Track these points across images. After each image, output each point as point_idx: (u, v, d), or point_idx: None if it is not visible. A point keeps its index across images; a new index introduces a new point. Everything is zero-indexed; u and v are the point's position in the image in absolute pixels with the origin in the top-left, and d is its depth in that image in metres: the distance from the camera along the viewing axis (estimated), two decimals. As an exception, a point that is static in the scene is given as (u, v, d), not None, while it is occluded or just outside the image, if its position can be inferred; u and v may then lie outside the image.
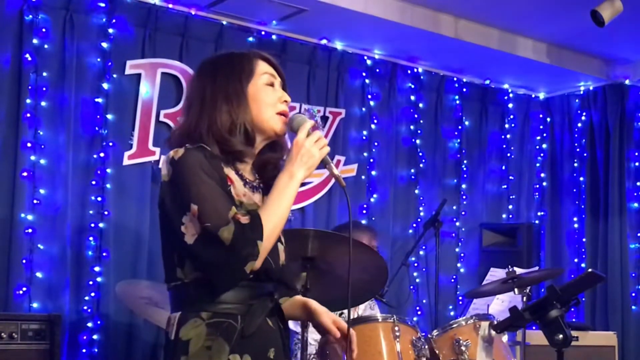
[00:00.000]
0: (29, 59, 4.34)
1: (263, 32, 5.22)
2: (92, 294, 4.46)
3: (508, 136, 6.56)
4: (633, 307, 6.12)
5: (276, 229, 2.07)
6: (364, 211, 5.61)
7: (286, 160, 2.14)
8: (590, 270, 3.22)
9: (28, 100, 4.32)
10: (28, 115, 4.32)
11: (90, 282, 4.46)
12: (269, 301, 2.14)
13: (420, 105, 6.01)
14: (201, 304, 2.06)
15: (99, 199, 4.53)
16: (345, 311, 3.71)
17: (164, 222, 2.13)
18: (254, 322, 2.08)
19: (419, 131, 5.99)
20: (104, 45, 4.60)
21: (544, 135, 6.76)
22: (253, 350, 2.08)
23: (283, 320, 2.24)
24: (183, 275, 2.08)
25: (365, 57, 5.71)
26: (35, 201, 4.30)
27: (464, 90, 6.25)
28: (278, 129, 2.20)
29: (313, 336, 3.95)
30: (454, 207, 6.11)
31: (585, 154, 6.48)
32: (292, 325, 4.20)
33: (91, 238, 4.49)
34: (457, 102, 6.23)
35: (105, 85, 4.59)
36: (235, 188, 2.12)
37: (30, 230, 4.27)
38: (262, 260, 2.03)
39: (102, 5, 4.60)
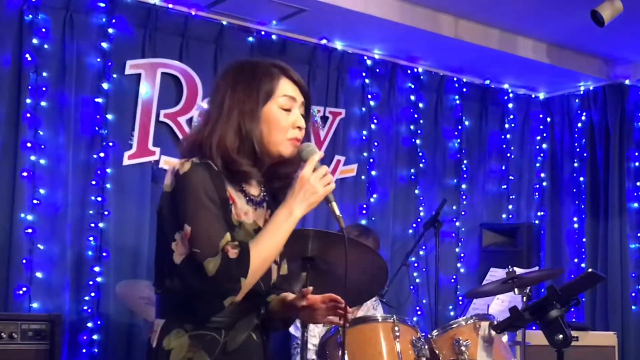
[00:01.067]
0: (29, 59, 4.34)
1: (263, 32, 5.22)
2: (92, 294, 4.46)
3: (508, 136, 6.56)
4: (633, 307, 6.12)
5: (264, 264, 2.07)
6: (364, 211, 5.60)
7: (289, 193, 2.11)
8: (590, 270, 3.22)
9: (28, 100, 4.32)
10: (28, 115, 4.32)
11: (90, 282, 4.46)
12: (254, 317, 2.14)
13: (420, 105, 6.01)
14: (186, 315, 2.06)
15: (99, 199, 4.53)
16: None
17: (160, 230, 2.12)
18: (238, 339, 2.07)
19: (419, 131, 5.98)
20: (104, 45, 4.60)
21: (544, 135, 6.76)
22: None
23: (267, 333, 2.23)
24: (171, 286, 2.07)
25: (365, 57, 5.70)
26: (35, 201, 4.30)
27: (464, 90, 6.25)
28: (286, 153, 2.16)
29: (312, 341, 3.95)
30: (454, 207, 6.11)
31: (585, 154, 6.48)
32: (292, 330, 4.19)
33: (91, 238, 4.49)
34: (457, 102, 6.23)
35: (105, 85, 4.58)
36: (237, 207, 2.11)
37: (30, 230, 4.27)
38: (244, 294, 2.03)
39: (102, 5, 4.60)
